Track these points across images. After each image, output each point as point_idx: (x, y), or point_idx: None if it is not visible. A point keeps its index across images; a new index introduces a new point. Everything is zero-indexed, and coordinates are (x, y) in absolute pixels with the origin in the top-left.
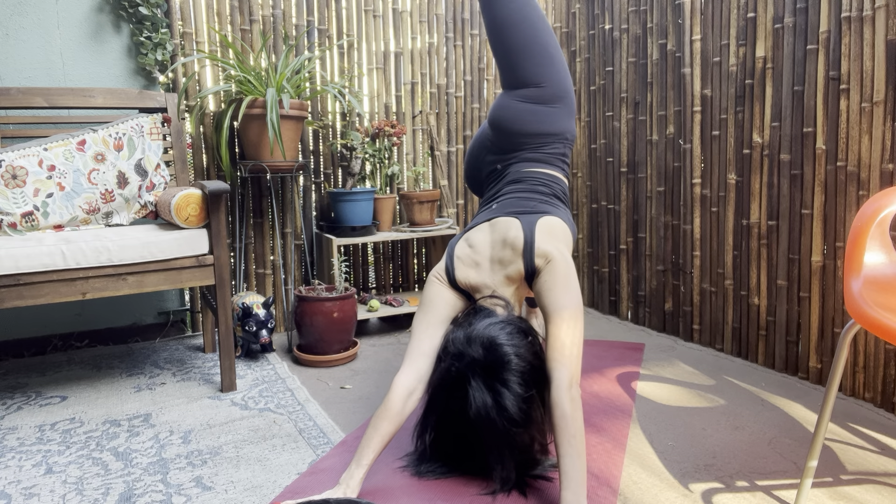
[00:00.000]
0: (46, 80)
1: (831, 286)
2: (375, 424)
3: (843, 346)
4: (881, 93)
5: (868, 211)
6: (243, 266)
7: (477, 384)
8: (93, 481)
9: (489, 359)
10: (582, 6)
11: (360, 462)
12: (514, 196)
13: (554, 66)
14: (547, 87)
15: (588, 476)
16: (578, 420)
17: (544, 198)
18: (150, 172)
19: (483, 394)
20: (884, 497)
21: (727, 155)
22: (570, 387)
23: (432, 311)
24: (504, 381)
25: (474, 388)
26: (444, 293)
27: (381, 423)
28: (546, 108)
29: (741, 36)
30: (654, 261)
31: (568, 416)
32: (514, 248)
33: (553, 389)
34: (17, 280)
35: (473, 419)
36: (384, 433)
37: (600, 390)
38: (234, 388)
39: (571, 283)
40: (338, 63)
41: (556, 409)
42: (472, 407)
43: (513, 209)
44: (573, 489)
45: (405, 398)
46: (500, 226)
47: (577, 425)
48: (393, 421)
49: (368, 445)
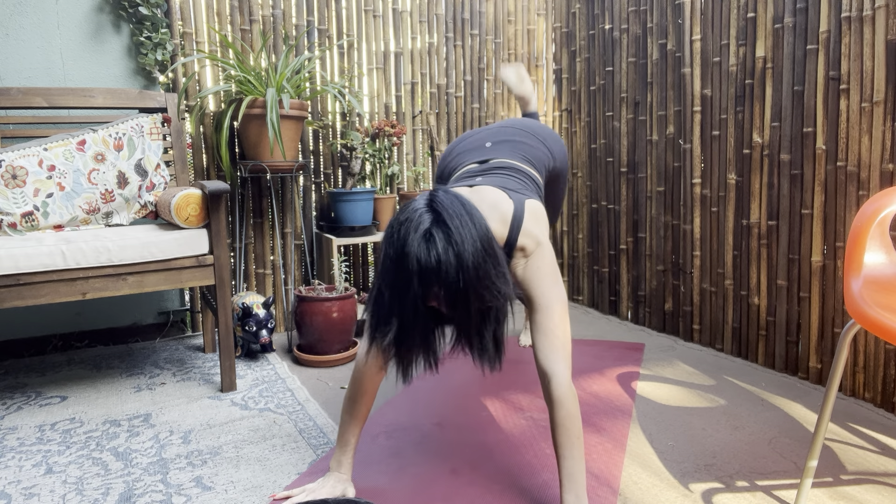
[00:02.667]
0: (46, 80)
1: (831, 286)
2: (347, 408)
3: (843, 346)
4: (881, 93)
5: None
6: (243, 266)
7: (416, 237)
8: (93, 481)
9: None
10: (582, 6)
11: (349, 444)
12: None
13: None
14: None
15: (588, 476)
16: (579, 417)
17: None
18: (150, 172)
19: (422, 244)
20: (884, 497)
21: (727, 155)
22: (570, 380)
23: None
24: (444, 226)
25: (412, 243)
26: None
27: (353, 405)
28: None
29: (741, 36)
30: (654, 261)
31: (574, 416)
32: (502, 215)
33: (555, 386)
34: (17, 280)
35: (419, 275)
36: (361, 416)
37: (600, 390)
38: (234, 388)
39: (558, 273)
40: (338, 63)
41: (560, 408)
42: (414, 260)
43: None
44: (575, 491)
45: (377, 372)
46: (485, 192)
47: (579, 425)
48: (369, 399)
49: (352, 433)
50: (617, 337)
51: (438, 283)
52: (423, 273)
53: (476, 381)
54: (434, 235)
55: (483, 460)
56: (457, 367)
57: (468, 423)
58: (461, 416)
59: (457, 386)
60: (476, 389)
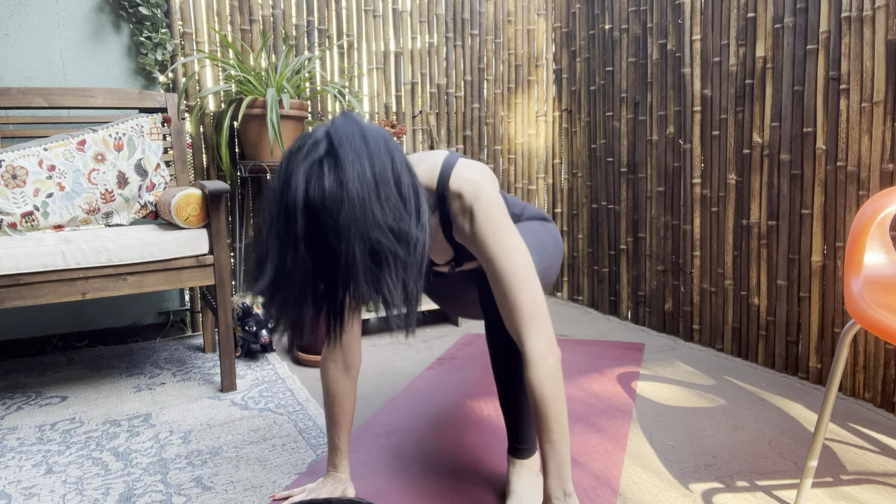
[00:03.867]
0: (46, 80)
1: (831, 286)
2: (326, 413)
3: (843, 346)
4: (881, 93)
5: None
6: (243, 266)
7: (303, 168)
8: (93, 481)
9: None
10: (582, 6)
11: (339, 449)
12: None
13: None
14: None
15: (588, 476)
16: (560, 397)
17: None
18: (150, 172)
19: (307, 174)
20: (884, 497)
21: (727, 155)
22: (547, 355)
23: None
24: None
25: (297, 174)
26: None
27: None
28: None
29: (741, 36)
30: (654, 261)
31: (548, 398)
32: (431, 163)
33: (527, 366)
34: (17, 280)
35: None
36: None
37: (600, 390)
38: (234, 389)
39: (513, 226)
40: (338, 63)
41: (533, 389)
42: (294, 193)
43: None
44: (556, 474)
45: (343, 372)
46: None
47: (559, 405)
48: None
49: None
50: (617, 337)
51: (318, 219)
52: (306, 208)
53: (476, 381)
54: (323, 165)
55: (483, 460)
56: (457, 367)
57: (468, 423)
58: (461, 416)
59: (457, 386)
60: (476, 389)
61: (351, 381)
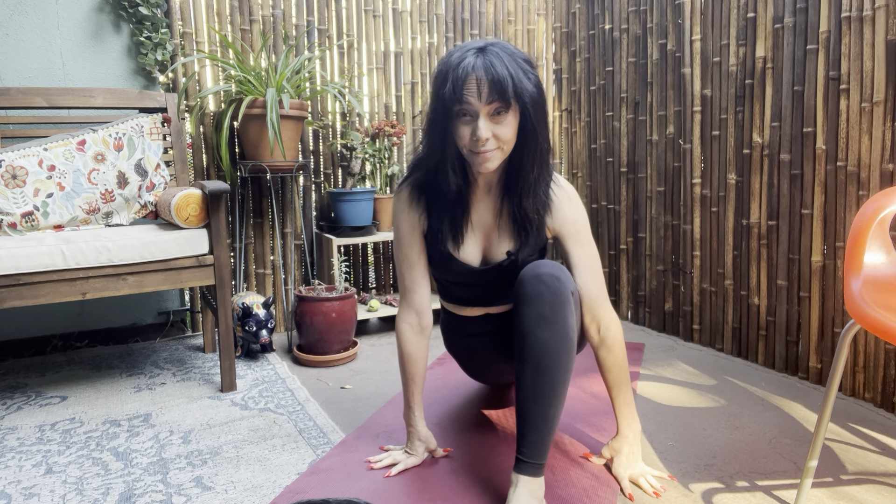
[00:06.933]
0: (46, 81)
1: (831, 286)
2: (402, 374)
3: (843, 346)
4: (881, 93)
5: (868, 211)
6: (243, 266)
7: (470, 52)
8: (93, 481)
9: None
10: (582, 6)
11: (412, 407)
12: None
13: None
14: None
15: (588, 476)
16: (625, 358)
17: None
18: (150, 172)
19: (478, 55)
20: (884, 497)
21: (727, 155)
22: (618, 322)
23: (409, 245)
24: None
25: (467, 55)
26: (414, 220)
27: (410, 369)
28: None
29: (741, 36)
30: (654, 261)
31: (622, 360)
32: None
33: (609, 326)
34: (17, 280)
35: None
36: (417, 377)
37: (600, 390)
38: (234, 388)
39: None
40: (338, 63)
41: (609, 353)
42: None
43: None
44: (631, 415)
45: (418, 333)
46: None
47: (625, 364)
48: (418, 360)
49: (412, 393)
50: None
51: (505, 87)
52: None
53: (476, 381)
54: (490, 48)
55: (483, 460)
56: (457, 367)
57: (468, 423)
58: (461, 416)
59: (457, 386)
60: (476, 389)
61: (424, 341)
